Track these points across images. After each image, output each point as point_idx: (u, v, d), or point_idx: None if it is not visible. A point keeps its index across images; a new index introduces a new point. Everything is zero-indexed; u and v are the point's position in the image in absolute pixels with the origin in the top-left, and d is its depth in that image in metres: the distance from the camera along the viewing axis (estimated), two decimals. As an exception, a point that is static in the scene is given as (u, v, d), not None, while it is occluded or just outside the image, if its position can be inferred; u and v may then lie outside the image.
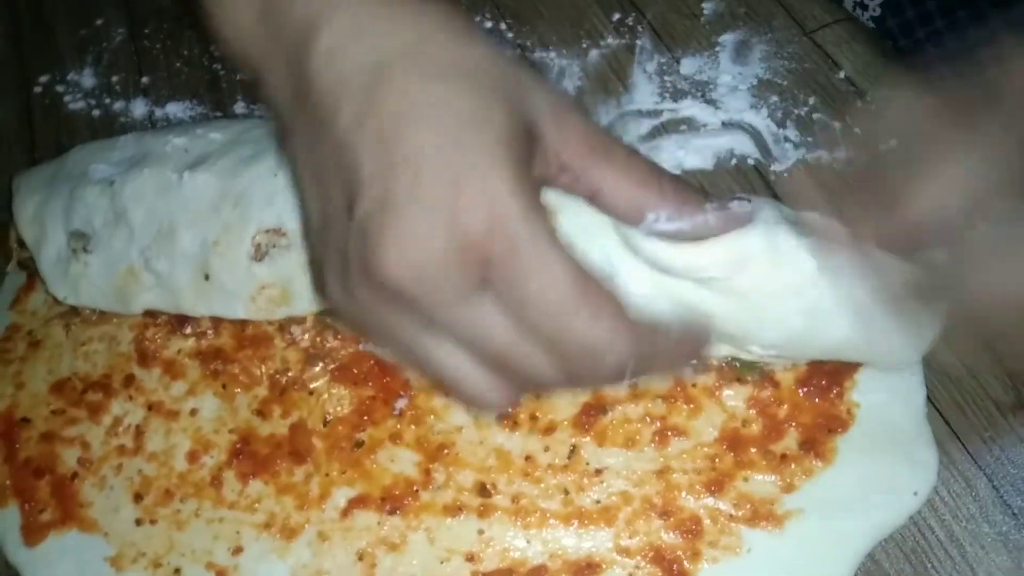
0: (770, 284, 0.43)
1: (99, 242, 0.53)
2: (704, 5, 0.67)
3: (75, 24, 0.71)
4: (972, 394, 0.50)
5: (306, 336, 0.52)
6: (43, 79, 0.69)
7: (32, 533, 0.49)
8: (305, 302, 0.50)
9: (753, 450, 0.48)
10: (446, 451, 0.49)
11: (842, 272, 0.42)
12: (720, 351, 0.48)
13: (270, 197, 0.49)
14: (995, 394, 0.50)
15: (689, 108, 0.62)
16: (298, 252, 0.49)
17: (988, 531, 0.47)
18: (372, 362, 0.51)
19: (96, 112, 0.67)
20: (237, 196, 0.50)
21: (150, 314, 0.53)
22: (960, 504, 0.47)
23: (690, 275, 0.42)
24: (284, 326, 0.52)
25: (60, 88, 0.68)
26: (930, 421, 0.48)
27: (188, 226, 0.50)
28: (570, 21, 0.67)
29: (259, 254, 0.49)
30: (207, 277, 0.50)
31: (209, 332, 0.53)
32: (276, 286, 0.50)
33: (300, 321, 0.51)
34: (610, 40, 0.66)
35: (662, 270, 0.42)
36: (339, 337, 0.51)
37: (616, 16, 0.67)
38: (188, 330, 0.53)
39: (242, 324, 0.53)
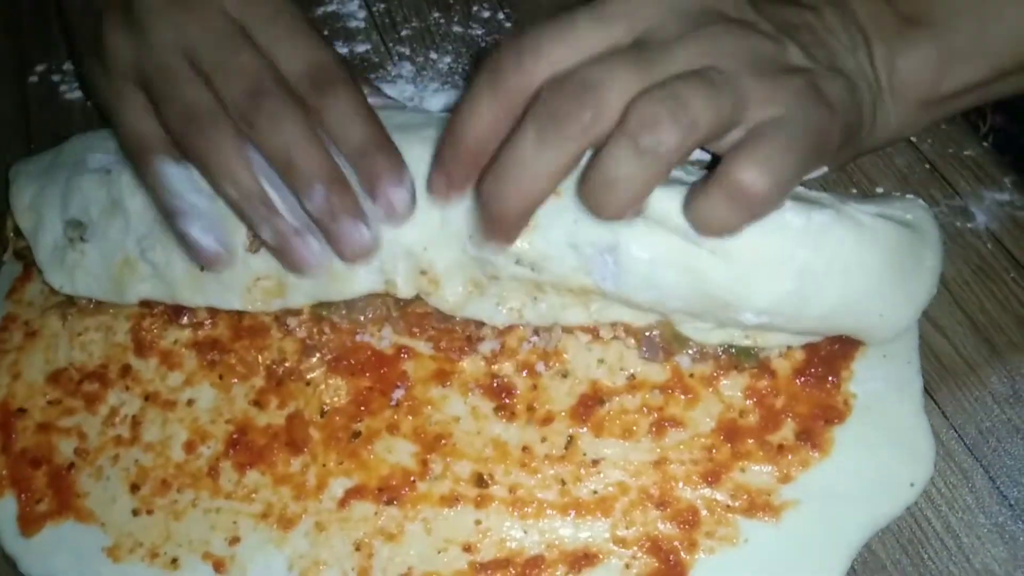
0: (759, 247, 0.43)
1: (96, 231, 0.53)
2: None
3: (71, 13, 0.71)
4: (969, 385, 0.50)
5: (302, 327, 0.52)
6: (39, 68, 0.69)
7: (29, 523, 0.49)
8: (300, 294, 0.50)
9: (750, 441, 0.48)
10: (443, 442, 0.49)
11: (828, 232, 0.44)
12: (715, 337, 0.48)
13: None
14: (992, 385, 0.50)
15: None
16: None
17: (984, 522, 0.47)
18: (369, 353, 0.51)
19: (92, 101, 0.66)
20: None
21: (146, 304, 0.53)
22: (956, 495, 0.47)
23: (681, 230, 0.43)
24: (280, 317, 0.52)
25: (56, 78, 0.68)
26: (927, 412, 0.48)
27: None
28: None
29: (254, 246, 0.49)
30: (202, 268, 0.50)
31: (207, 323, 0.53)
32: (271, 278, 0.50)
33: (296, 313, 0.51)
34: (608, 30, 0.66)
35: (662, 225, 0.44)
36: (335, 329, 0.51)
37: (614, 6, 0.67)
38: (184, 320, 0.53)
39: (239, 315, 0.53)
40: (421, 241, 0.48)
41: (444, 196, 0.45)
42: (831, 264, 0.44)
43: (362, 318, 0.51)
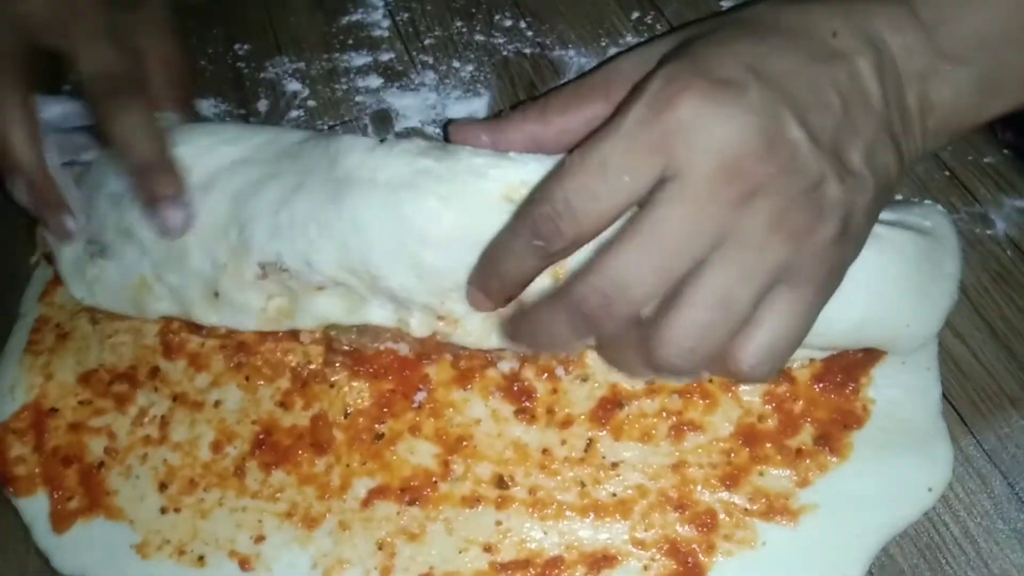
0: None
1: (112, 252, 0.53)
2: (723, 3, 0.67)
3: (102, 23, 0.72)
4: (987, 391, 0.50)
5: (316, 346, 0.52)
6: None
7: (60, 520, 0.51)
8: (309, 317, 0.50)
9: (768, 445, 0.48)
10: (464, 443, 0.50)
11: None
12: None
13: (271, 233, 0.48)
14: (1011, 391, 0.50)
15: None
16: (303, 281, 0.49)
17: (1003, 527, 0.47)
18: (392, 357, 0.52)
19: (122, 109, 0.68)
20: (242, 224, 0.49)
21: (171, 312, 0.54)
22: (975, 500, 0.48)
23: None
24: (295, 333, 0.52)
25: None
26: (945, 417, 0.49)
27: (198, 246, 0.50)
28: (589, 20, 0.68)
29: (265, 274, 0.49)
30: (216, 295, 0.51)
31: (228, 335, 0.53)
32: (284, 295, 0.50)
33: (308, 332, 0.52)
34: (629, 38, 0.66)
35: None
36: (349, 346, 0.52)
37: (635, 14, 0.68)
38: (204, 331, 0.54)
39: (264, 318, 0.53)
40: (438, 296, 0.47)
41: (482, 309, 0.47)
42: (855, 280, 0.43)
43: (372, 344, 0.51)
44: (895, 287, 0.45)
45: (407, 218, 0.45)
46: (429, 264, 0.46)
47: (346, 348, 0.52)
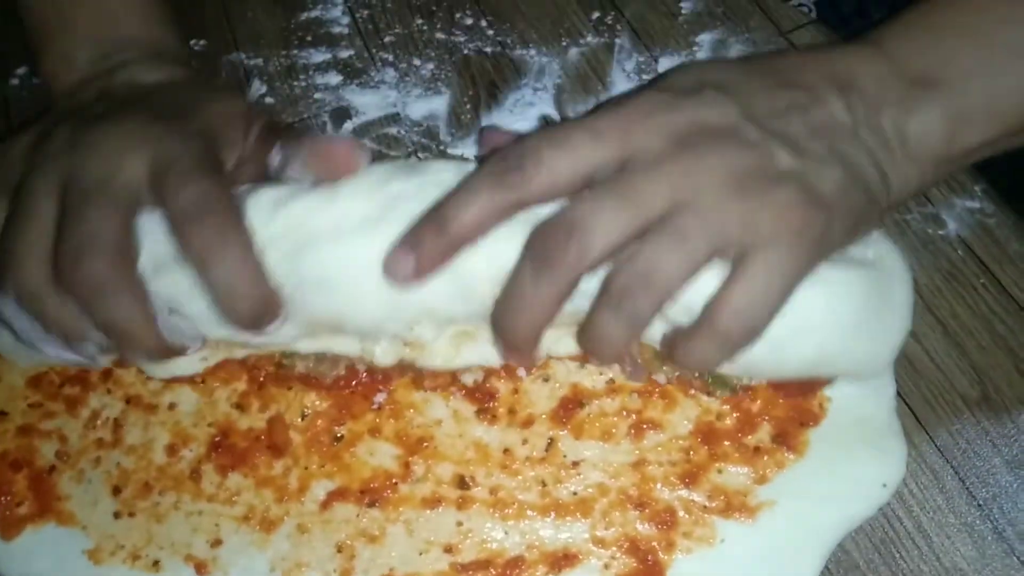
0: None
1: None
2: (682, 4, 0.68)
3: (52, 16, 0.71)
4: (940, 388, 0.51)
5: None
6: (20, 71, 0.69)
7: (9, 527, 0.49)
8: (264, 346, 0.49)
9: (727, 443, 0.49)
10: (425, 444, 0.50)
11: (796, 296, 0.42)
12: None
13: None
14: (962, 388, 0.51)
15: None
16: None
17: (954, 521, 0.48)
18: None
19: (74, 105, 0.66)
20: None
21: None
22: (927, 495, 0.49)
23: None
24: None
25: (38, 80, 0.68)
26: (899, 415, 0.49)
27: None
28: (550, 19, 0.68)
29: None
30: None
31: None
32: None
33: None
34: (589, 38, 0.67)
35: None
36: (306, 371, 0.51)
37: (595, 15, 0.68)
38: None
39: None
40: (407, 324, 0.47)
41: (403, 279, 0.43)
42: (804, 323, 0.43)
43: (331, 372, 0.50)
44: (845, 328, 0.45)
45: (375, 260, 0.43)
46: (401, 297, 0.44)
47: (300, 372, 0.51)
